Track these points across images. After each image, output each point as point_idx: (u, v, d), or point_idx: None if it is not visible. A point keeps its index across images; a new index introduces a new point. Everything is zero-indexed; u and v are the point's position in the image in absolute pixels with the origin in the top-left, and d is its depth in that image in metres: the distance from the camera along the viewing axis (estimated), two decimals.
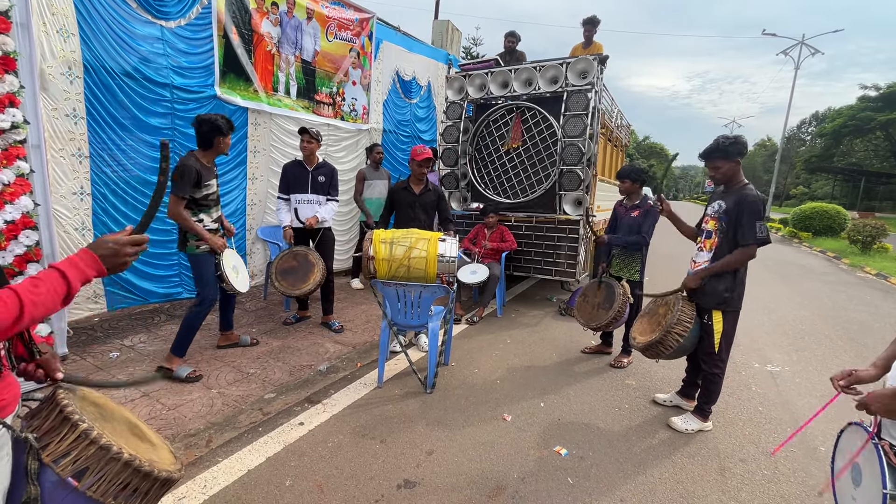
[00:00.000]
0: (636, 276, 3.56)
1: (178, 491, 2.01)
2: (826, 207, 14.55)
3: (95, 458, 1.04)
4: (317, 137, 3.85)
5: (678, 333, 2.59)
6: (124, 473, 1.07)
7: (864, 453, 1.29)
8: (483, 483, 2.18)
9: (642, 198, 3.59)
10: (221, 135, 3.01)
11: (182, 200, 2.92)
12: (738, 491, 2.20)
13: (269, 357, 3.47)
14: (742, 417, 2.92)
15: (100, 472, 1.04)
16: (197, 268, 3.10)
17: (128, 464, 1.07)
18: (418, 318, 3.09)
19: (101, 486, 1.05)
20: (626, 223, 3.58)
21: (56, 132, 3.22)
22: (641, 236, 3.44)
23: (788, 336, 4.67)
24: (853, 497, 1.33)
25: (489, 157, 5.41)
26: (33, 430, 1.04)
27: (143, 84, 3.64)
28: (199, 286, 3.11)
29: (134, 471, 1.09)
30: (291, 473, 2.18)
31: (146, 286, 3.90)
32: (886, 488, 1.16)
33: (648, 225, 3.44)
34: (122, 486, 1.08)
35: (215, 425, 2.53)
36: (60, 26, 3.14)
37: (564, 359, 3.78)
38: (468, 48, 19.60)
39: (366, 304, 5.00)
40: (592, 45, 5.97)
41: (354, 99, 5.72)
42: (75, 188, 3.40)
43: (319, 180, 3.93)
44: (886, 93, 28.79)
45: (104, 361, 3.21)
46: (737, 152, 2.45)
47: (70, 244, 3.39)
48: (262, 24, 4.46)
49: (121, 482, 1.07)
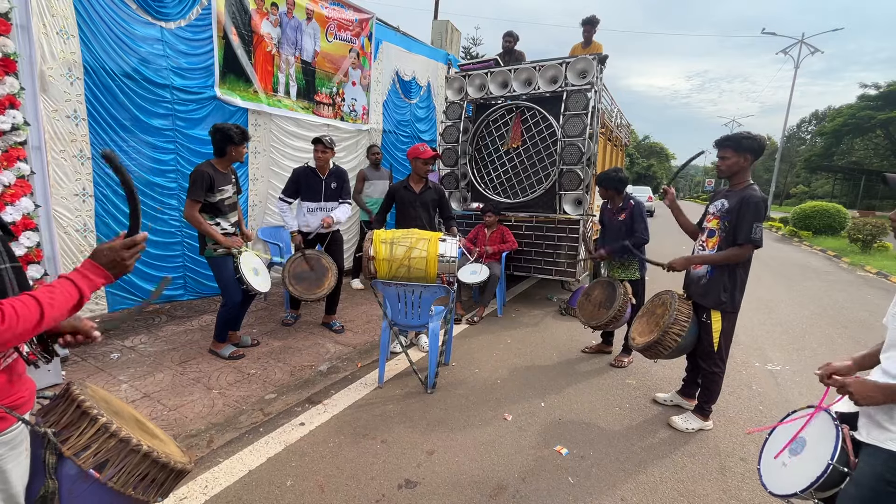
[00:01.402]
0: (636, 274, 3.56)
1: (180, 492, 2.02)
2: (826, 206, 14.52)
3: (115, 451, 1.09)
4: (331, 146, 3.84)
5: (676, 333, 2.59)
6: (143, 465, 1.12)
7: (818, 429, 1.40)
8: (484, 482, 2.18)
9: (624, 198, 3.60)
10: (233, 144, 3.09)
11: (196, 204, 3.03)
12: (739, 490, 2.21)
13: (269, 357, 3.47)
14: (743, 416, 2.92)
15: (120, 463, 1.09)
16: (216, 270, 3.22)
17: (147, 455, 1.12)
18: (419, 318, 3.09)
19: (121, 478, 1.09)
20: (614, 226, 3.60)
21: (57, 133, 3.23)
22: (639, 236, 3.44)
23: (789, 335, 4.67)
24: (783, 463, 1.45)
25: (489, 157, 5.42)
26: (50, 425, 1.08)
27: (144, 85, 3.65)
28: (221, 288, 3.25)
29: (152, 462, 1.14)
30: (292, 474, 2.18)
31: (148, 287, 3.90)
32: (833, 460, 1.27)
33: (640, 224, 3.46)
34: (141, 477, 1.12)
35: (216, 426, 2.53)
36: (60, 28, 3.14)
37: (565, 358, 3.78)
38: (468, 48, 19.61)
39: (366, 304, 5.00)
40: (592, 44, 5.98)
41: (354, 99, 5.73)
42: (77, 189, 3.40)
43: (332, 187, 3.94)
44: (886, 91, 28.76)
45: (105, 363, 3.22)
46: (748, 147, 2.42)
47: (71, 246, 3.40)
48: (262, 24, 4.46)
49: (140, 473, 1.12)
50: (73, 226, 3.41)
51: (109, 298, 3.70)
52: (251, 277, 3.23)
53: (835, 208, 14.30)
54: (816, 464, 1.32)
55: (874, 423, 1.25)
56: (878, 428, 1.24)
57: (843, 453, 1.29)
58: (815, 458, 1.35)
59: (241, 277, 3.17)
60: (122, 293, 3.76)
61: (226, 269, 3.19)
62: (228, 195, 3.21)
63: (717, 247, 2.56)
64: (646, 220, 3.49)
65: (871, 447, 1.25)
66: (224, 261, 3.18)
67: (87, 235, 3.49)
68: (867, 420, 1.28)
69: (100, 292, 3.63)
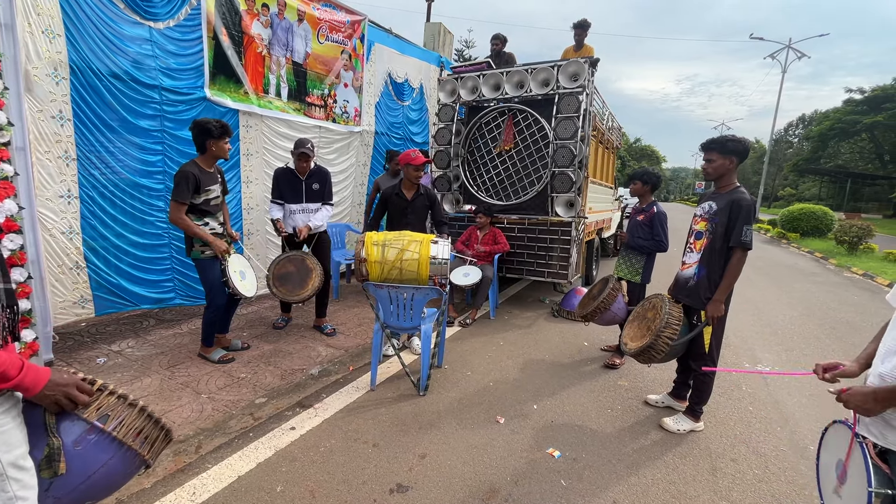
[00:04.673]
0: (637, 277, 3.60)
1: (167, 498, 1.98)
2: (813, 209, 14.74)
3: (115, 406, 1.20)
4: (312, 153, 3.81)
5: (668, 336, 2.60)
6: (139, 419, 1.24)
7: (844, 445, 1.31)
8: (476, 486, 2.17)
9: (650, 202, 3.66)
10: (212, 138, 3.01)
11: (181, 206, 2.96)
12: (730, 491, 2.22)
13: (260, 361, 3.43)
14: (733, 417, 2.94)
15: (120, 416, 1.20)
16: (202, 272, 3.16)
17: (142, 410, 1.25)
18: (411, 321, 3.07)
19: (123, 429, 1.20)
20: (632, 224, 3.70)
21: (42, 134, 3.17)
22: (657, 241, 3.53)
23: (778, 336, 4.72)
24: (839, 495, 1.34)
25: (481, 159, 5.42)
26: None
27: (132, 86, 3.60)
28: (205, 290, 3.18)
29: (147, 417, 1.26)
30: (283, 479, 2.15)
31: (137, 290, 3.84)
32: (871, 486, 1.17)
33: (659, 230, 3.52)
34: (137, 431, 1.24)
35: (205, 431, 2.49)
36: (46, 27, 3.09)
37: (557, 360, 3.79)
38: (460, 50, 19.68)
39: (358, 307, 4.97)
40: (583, 48, 6.01)
41: (346, 101, 5.70)
42: (62, 191, 3.34)
43: (314, 188, 3.90)
44: (871, 96, 29.31)
45: (91, 367, 3.16)
46: (733, 150, 2.47)
47: (56, 248, 3.34)
48: (253, 25, 4.43)
49: (136, 427, 1.23)
50: (59, 228, 3.35)
51: (97, 302, 3.63)
52: (237, 281, 3.19)
53: (822, 210, 14.51)
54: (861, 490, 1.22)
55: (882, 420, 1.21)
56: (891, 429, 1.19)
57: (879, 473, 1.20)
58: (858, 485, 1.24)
59: (228, 281, 3.12)
60: (110, 297, 3.70)
61: (212, 271, 3.14)
62: (216, 195, 3.15)
63: (703, 248, 2.58)
64: (666, 230, 3.56)
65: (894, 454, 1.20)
66: (211, 263, 3.13)
67: (72, 238, 3.43)
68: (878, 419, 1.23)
69: (87, 296, 3.57)
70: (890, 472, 1.20)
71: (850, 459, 1.30)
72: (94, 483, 1.15)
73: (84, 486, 1.14)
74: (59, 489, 1.10)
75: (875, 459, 1.22)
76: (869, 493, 1.16)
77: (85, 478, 1.13)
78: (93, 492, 1.17)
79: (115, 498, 1.94)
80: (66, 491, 1.11)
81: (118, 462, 1.20)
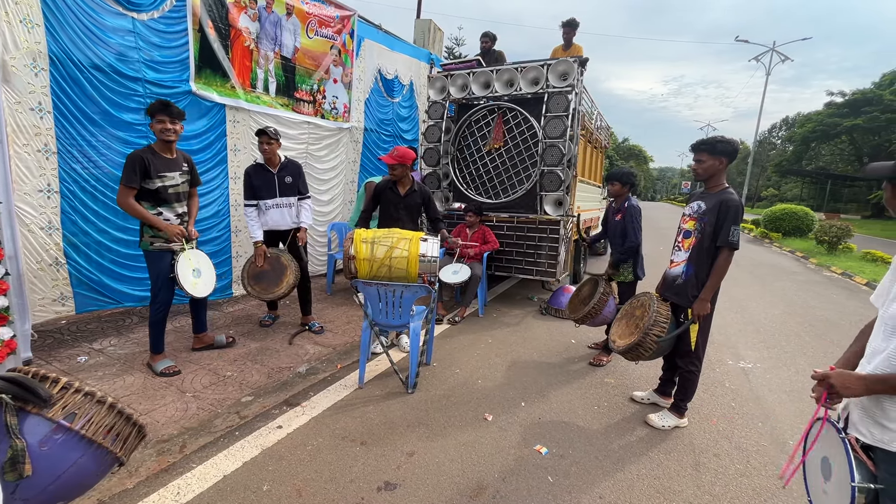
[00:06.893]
0: (629, 277, 3.63)
1: (150, 498, 1.95)
2: (795, 209, 15.04)
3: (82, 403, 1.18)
4: (276, 137, 3.68)
5: (656, 334, 2.64)
6: (109, 416, 1.21)
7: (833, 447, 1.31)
8: (464, 483, 2.17)
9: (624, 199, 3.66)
10: (151, 118, 2.85)
11: (129, 190, 2.79)
12: (713, 485, 2.26)
13: (246, 359, 3.39)
14: (716, 413, 3.00)
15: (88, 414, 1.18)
16: (150, 264, 2.99)
17: (112, 406, 1.23)
18: (400, 318, 3.07)
19: (90, 427, 1.18)
20: (612, 225, 3.70)
21: (20, 126, 3.09)
22: (629, 242, 3.53)
23: (760, 333, 4.82)
24: (824, 491, 1.35)
25: (471, 157, 5.42)
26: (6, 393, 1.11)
27: (114, 78, 3.52)
28: (151, 283, 3.01)
29: (117, 413, 1.26)
30: (269, 478, 2.14)
31: (120, 288, 3.76)
32: (854, 481, 1.17)
33: (632, 228, 3.52)
34: (108, 428, 1.22)
35: (189, 430, 2.46)
36: (24, 16, 3.00)
37: (545, 358, 3.81)
38: (450, 48, 19.64)
39: (346, 304, 4.94)
40: (572, 47, 6.04)
41: (335, 97, 5.65)
42: (41, 185, 3.26)
43: (287, 181, 3.79)
44: (851, 99, 29.99)
45: (71, 366, 3.09)
46: (723, 151, 2.49)
47: (35, 244, 3.25)
48: (240, 18, 4.36)
49: (106, 425, 1.21)
50: (38, 223, 3.26)
51: (77, 300, 3.55)
52: (188, 278, 2.99)
53: (803, 211, 14.81)
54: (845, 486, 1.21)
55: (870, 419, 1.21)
56: (878, 426, 1.19)
57: (863, 468, 1.20)
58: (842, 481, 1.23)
59: (175, 277, 2.93)
60: (91, 294, 3.62)
61: (160, 264, 2.96)
62: (174, 182, 2.97)
63: (692, 247, 2.62)
64: (638, 224, 3.54)
65: (880, 451, 1.19)
66: (160, 255, 2.95)
67: (52, 233, 3.35)
68: (863, 414, 1.23)
69: (67, 293, 3.49)
70: (874, 468, 1.21)
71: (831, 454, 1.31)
72: (64, 483, 1.14)
73: (54, 487, 1.12)
74: (27, 491, 1.08)
75: (859, 454, 1.23)
76: (852, 487, 1.17)
77: (54, 478, 1.11)
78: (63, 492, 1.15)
79: (97, 499, 1.90)
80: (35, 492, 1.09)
81: (89, 461, 1.18)
